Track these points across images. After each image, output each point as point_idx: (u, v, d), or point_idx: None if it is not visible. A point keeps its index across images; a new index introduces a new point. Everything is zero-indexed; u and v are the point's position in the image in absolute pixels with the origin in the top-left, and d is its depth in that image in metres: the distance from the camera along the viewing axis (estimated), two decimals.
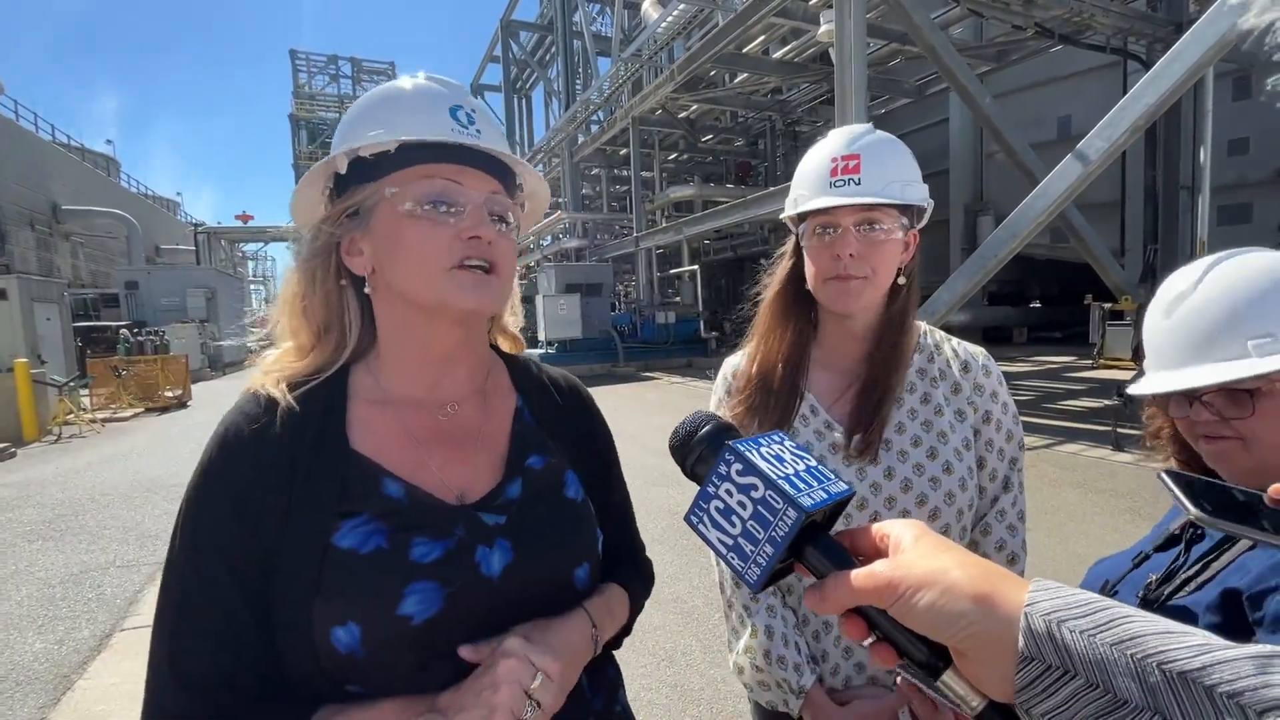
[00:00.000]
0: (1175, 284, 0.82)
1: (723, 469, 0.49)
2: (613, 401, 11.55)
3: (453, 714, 0.60)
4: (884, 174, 0.98)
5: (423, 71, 0.75)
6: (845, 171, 0.98)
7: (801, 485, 0.47)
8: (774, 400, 1.04)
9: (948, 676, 0.41)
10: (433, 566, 0.65)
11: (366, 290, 0.73)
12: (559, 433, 0.82)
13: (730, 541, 0.48)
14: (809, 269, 1.03)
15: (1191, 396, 0.81)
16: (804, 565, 0.48)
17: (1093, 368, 12.18)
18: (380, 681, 0.64)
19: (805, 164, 1.05)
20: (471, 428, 0.77)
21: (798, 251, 1.08)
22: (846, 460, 0.99)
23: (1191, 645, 0.34)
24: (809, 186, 1.02)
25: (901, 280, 1.03)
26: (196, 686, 0.62)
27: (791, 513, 0.45)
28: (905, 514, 0.97)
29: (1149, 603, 0.87)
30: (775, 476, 0.47)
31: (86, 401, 11.81)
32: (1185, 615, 0.79)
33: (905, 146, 1.03)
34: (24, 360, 9.94)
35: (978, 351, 1.07)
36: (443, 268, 0.68)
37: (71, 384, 11.04)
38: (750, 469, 0.48)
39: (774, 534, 0.46)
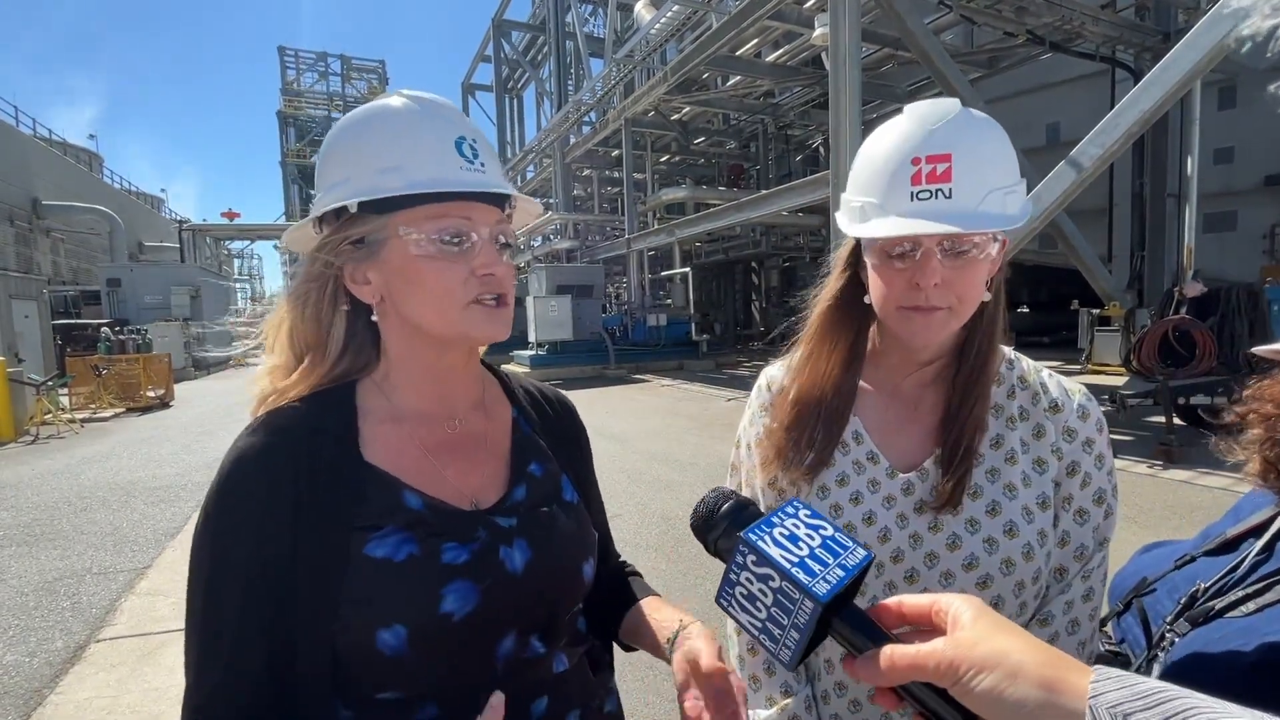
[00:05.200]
0: None
1: (740, 559, 0.50)
2: (604, 404, 11.48)
3: None
4: (984, 180, 0.75)
5: (410, 90, 0.73)
6: (932, 179, 0.74)
7: (817, 568, 0.48)
8: (817, 426, 0.89)
9: None
10: (464, 567, 0.70)
11: (374, 317, 0.76)
12: (552, 440, 0.87)
13: (759, 624, 0.50)
14: (875, 288, 0.83)
15: None
16: (833, 636, 0.49)
17: (1081, 373, 12.27)
18: (421, 682, 0.68)
19: (871, 154, 0.81)
20: (478, 436, 0.81)
21: (854, 260, 0.89)
22: (886, 501, 0.86)
23: None
24: (879, 192, 0.78)
25: (986, 296, 0.83)
26: (221, 706, 0.65)
27: (809, 604, 0.46)
28: (948, 576, 0.81)
29: (1194, 614, 0.80)
30: (789, 566, 0.48)
31: (65, 401, 11.54)
32: (1240, 637, 0.74)
33: (1002, 131, 0.78)
34: (1, 359, 9.70)
35: (1074, 389, 0.88)
36: (460, 304, 0.71)
37: (50, 383, 10.78)
38: (764, 559, 0.48)
39: (796, 621, 0.47)
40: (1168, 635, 0.79)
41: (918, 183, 0.75)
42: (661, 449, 7.56)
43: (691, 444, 7.76)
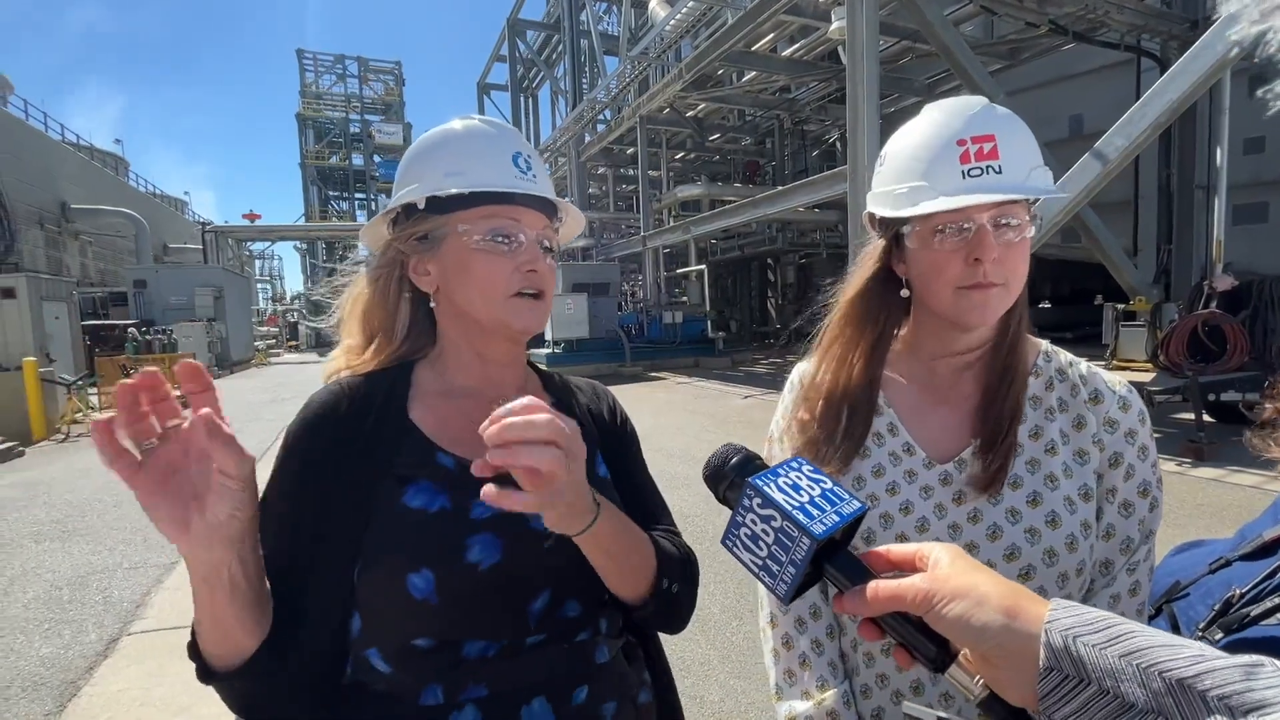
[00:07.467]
0: None
1: (746, 502, 0.55)
2: (620, 401, 11.49)
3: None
4: (1025, 158, 0.79)
5: (478, 115, 0.86)
6: (980, 157, 0.78)
7: (815, 512, 0.53)
8: (848, 417, 0.89)
9: (953, 669, 0.48)
10: (490, 521, 0.76)
11: (431, 305, 0.85)
12: (587, 421, 0.93)
13: (760, 562, 0.55)
14: (928, 275, 0.84)
15: None
16: (826, 577, 0.54)
17: (1106, 369, 12.01)
18: (451, 629, 0.73)
19: (906, 143, 0.84)
20: None
21: (888, 254, 0.90)
22: (923, 492, 0.85)
23: (1188, 655, 0.39)
24: (925, 176, 0.80)
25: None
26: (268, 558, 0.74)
27: (806, 540, 0.51)
28: (990, 565, 0.80)
29: (1228, 620, 0.76)
30: (790, 508, 0.53)
31: (95, 400, 11.82)
32: (1273, 644, 0.71)
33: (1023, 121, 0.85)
34: (33, 359, 9.96)
35: (1115, 380, 0.88)
36: (504, 295, 0.80)
37: (80, 383, 11.05)
38: (769, 502, 0.54)
39: (793, 558, 0.52)
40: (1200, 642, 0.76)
41: (967, 161, 0.79)
42: (678, 446, 7.57)
43: (708, 441, 7.73)
